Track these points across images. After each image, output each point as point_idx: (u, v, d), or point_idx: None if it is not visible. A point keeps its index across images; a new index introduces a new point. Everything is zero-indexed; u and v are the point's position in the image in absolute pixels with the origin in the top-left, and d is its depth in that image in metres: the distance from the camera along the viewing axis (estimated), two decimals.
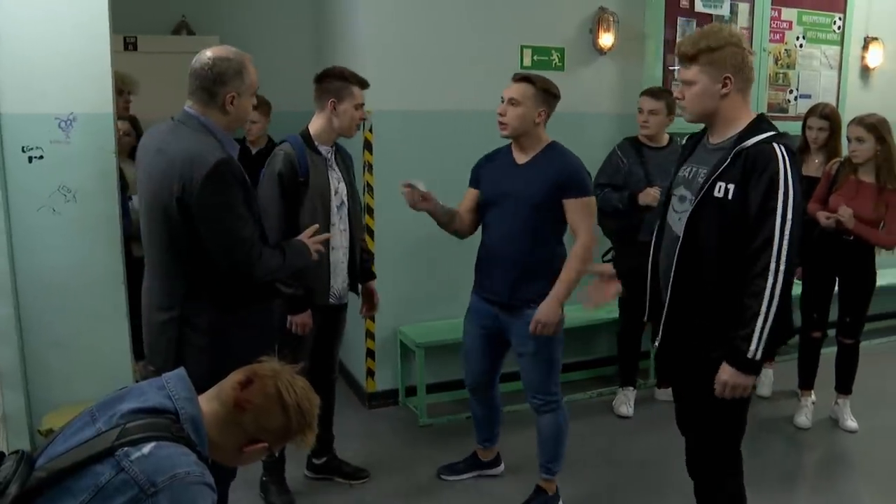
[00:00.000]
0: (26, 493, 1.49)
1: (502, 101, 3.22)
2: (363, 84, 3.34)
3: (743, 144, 2.43)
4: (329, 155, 3.38)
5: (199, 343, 2.52)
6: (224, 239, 2.47)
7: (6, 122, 3.39)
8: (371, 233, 4.47)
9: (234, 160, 2.49)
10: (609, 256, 4.51)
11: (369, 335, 4.61)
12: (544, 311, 3.14)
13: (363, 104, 3.36)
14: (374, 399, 4.67)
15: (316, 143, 3.33)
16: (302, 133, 3.34)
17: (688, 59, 2.50)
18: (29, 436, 3.52)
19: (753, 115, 2.53)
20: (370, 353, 4.63)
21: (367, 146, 4.40)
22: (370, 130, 4.37)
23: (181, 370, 1.74)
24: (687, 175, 2.65)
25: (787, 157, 2.38)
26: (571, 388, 4.92)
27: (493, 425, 3.74)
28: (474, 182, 3.44)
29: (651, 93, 4.38)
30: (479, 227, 3.45)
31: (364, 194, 4.44)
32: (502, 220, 3.25)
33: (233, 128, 2.62)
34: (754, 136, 2.44)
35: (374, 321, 4.56)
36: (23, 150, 3.42)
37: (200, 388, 2.51)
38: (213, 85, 2.48)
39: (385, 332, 4.61)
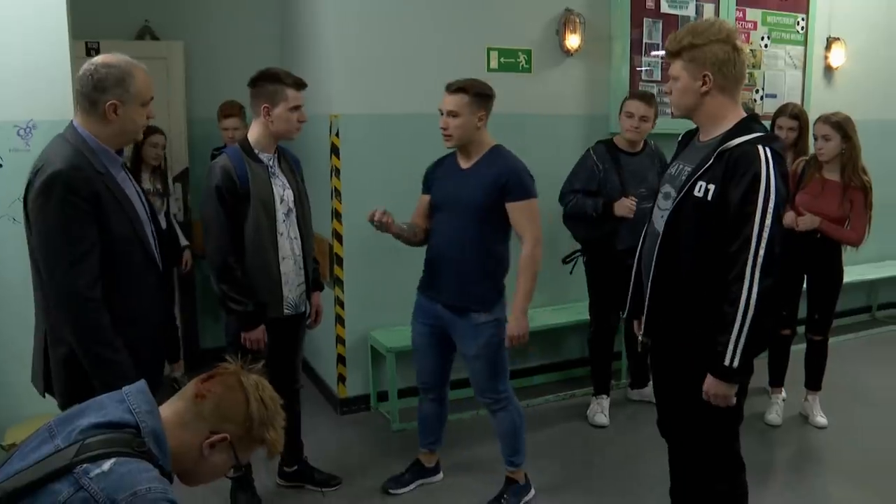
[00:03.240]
0: None
1: (441, 114, 3.25)
2: (299, 85, 3.23)
3: (727, 144, 2.39)
4: (271, 162, 3.27)
5: (61, 354, 2.40)
6: (45, 256, 2.32)
7: None
8: (339, 237, 4.43)
9: (79, 172, 2.26)
10: (573, 258, 4.48)
11: (339, 341, 4.57)
12: (514, 326, 3.25)
13: (301, 106, 3.23)
14: (346, 405, 4.64)
15: (256, 150, 3.22)
16: (241, 142, 3.27)
17: (672, 55, 2.49)
18: None
19: (742, 115, 2.48)
20: (341, 359, 4.59)
21: (335, 150, 4.36)
22: (337, 135, 4.33)
23: (142, 383, 1.69)
24: (673, 172, 2.62)
25: (770, 160, 2.31)
26: (541, 391, 4.94)
27: (441, 426, 3.72)
28: (426, 188, 3.46)
29: (643, 98, 4.22)
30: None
31: (332, 199, 4.40)
32: (449, 223, 3.30)
33: (120, 141, 2.45)
34: (740, 136, 2.39)
35: (343, 326, 4.52)
36: None
37: (66, 399, 2.40)
38: (93, 92, 2.30)
39: (355, 337, 4.57)
